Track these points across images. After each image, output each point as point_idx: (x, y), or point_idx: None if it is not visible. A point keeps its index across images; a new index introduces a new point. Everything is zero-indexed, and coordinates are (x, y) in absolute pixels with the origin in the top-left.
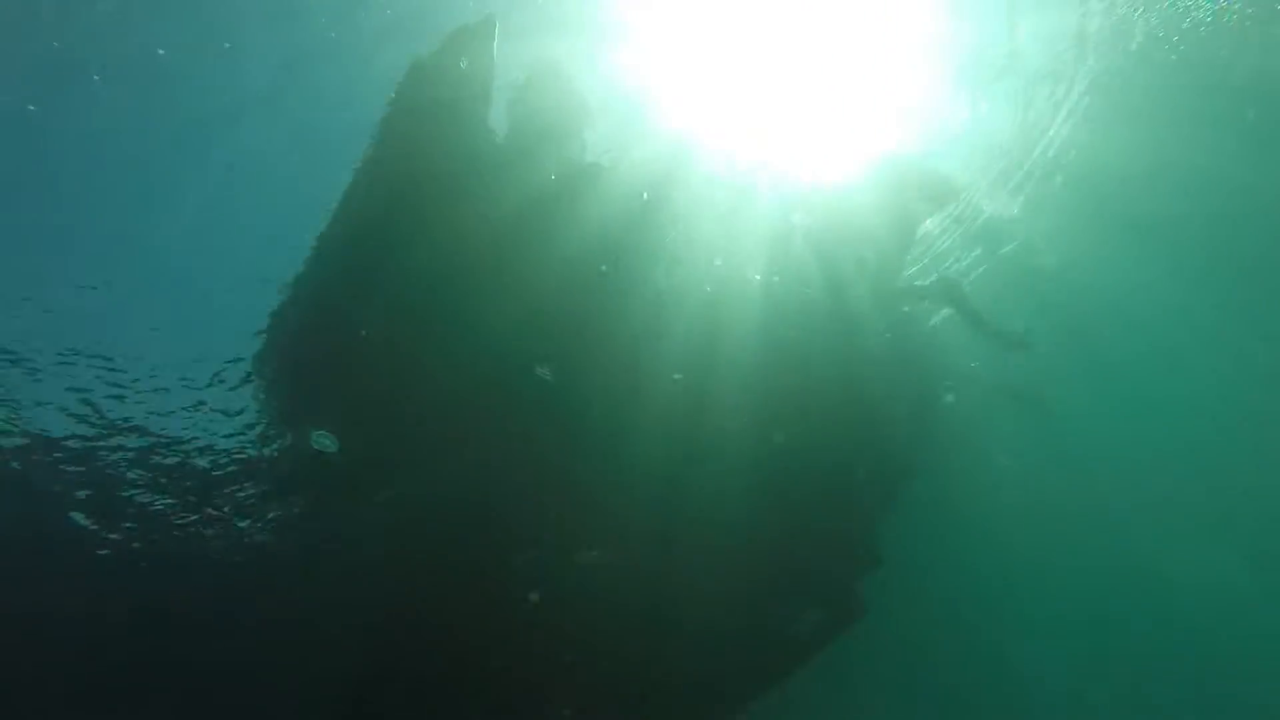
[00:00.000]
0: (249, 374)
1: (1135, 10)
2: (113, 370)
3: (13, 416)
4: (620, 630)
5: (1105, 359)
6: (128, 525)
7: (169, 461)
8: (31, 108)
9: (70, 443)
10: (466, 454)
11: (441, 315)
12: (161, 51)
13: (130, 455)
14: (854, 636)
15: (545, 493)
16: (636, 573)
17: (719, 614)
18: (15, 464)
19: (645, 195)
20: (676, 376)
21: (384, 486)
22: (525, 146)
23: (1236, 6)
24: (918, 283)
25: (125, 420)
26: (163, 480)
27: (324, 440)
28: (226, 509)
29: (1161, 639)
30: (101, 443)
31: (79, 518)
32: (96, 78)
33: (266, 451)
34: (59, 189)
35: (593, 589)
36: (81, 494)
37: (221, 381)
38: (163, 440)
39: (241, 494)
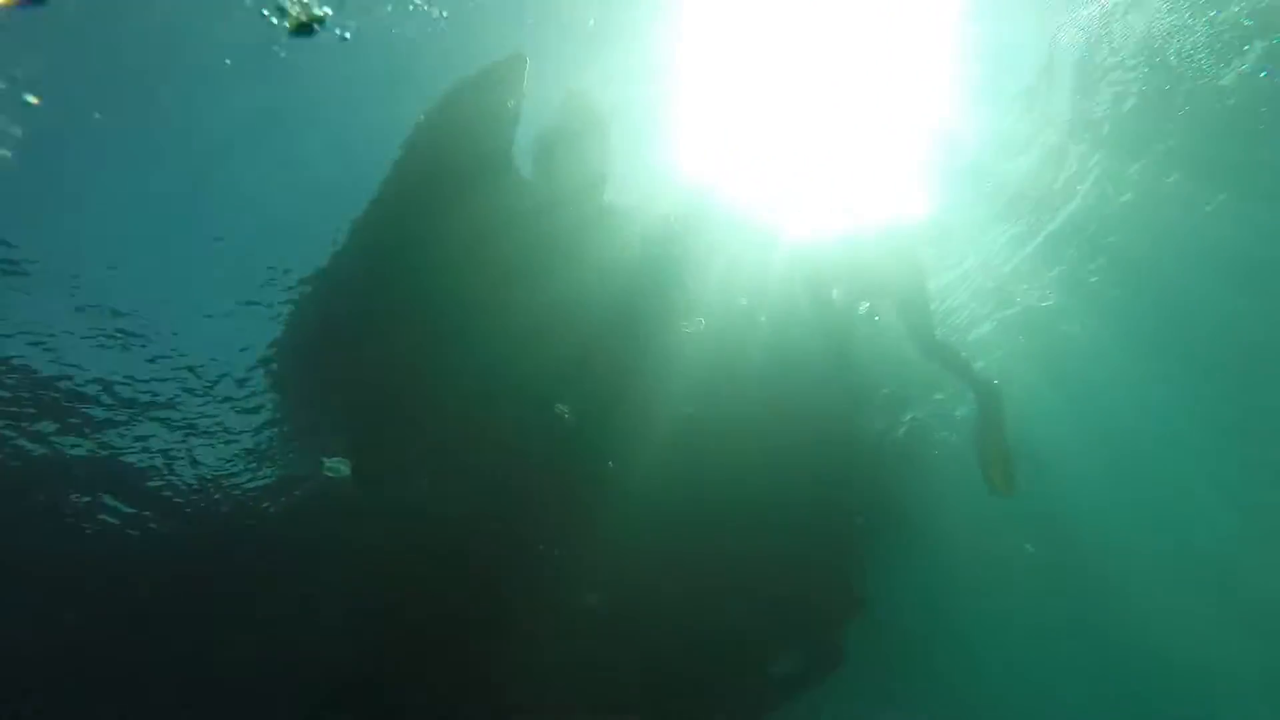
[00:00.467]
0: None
1: None
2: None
3: None
4: (600, 662)
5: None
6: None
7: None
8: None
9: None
10: (473, 482)
11: (457, 345)
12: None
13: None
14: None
15: (550, 525)
16: (626, 610)
17: (700, 652)
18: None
19: (673, 223)
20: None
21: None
22: (549, 184)
23: None
24: (962, 354)
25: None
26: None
27: (337, 466)
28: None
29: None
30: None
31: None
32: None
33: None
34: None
35: (579, 623)
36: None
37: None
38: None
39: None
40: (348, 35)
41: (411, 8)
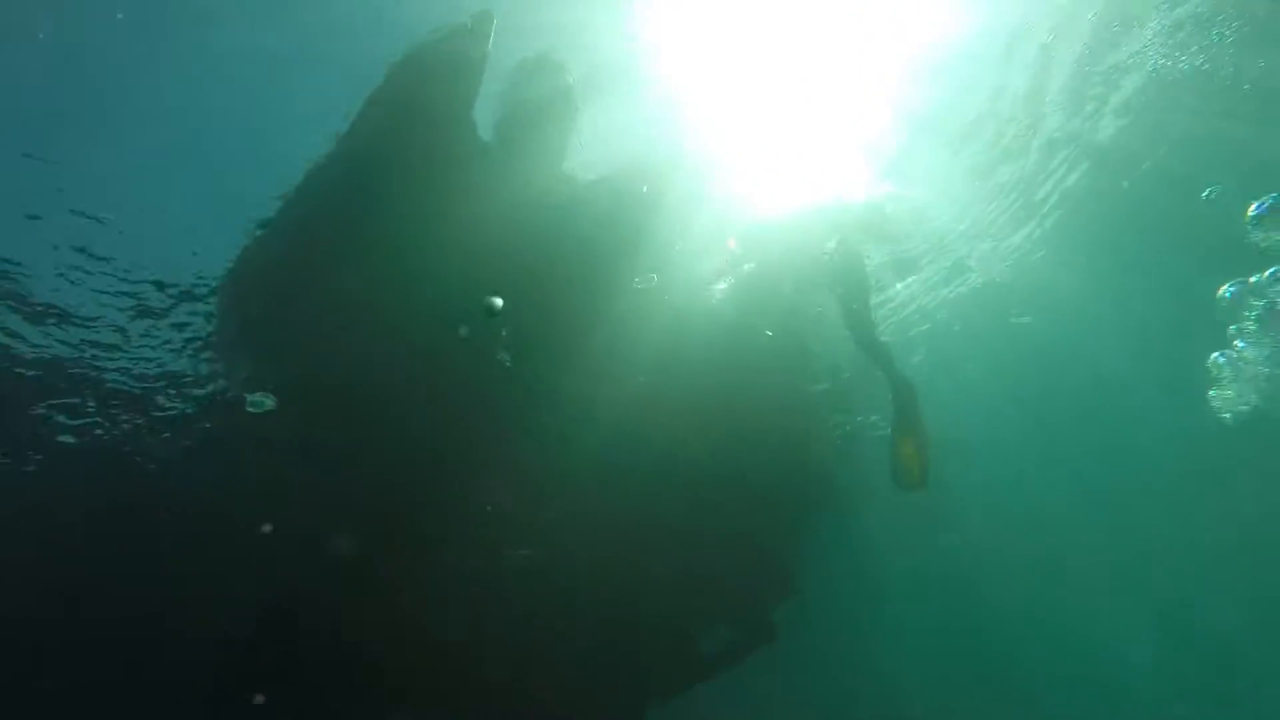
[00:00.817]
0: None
1: None
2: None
3: None
4: (525, 625)
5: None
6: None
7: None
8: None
9: None
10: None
11: (405, 289)
12: None
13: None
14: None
15: (484, 478)
16: (557, 570)
17: (631, 619)
18: None
19: (645, 189)
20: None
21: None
22: (509, 144)
23: None
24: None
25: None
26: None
27: (261, 401)
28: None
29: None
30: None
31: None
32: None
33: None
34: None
35: (507, 584)
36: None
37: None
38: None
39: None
40: None
41: None
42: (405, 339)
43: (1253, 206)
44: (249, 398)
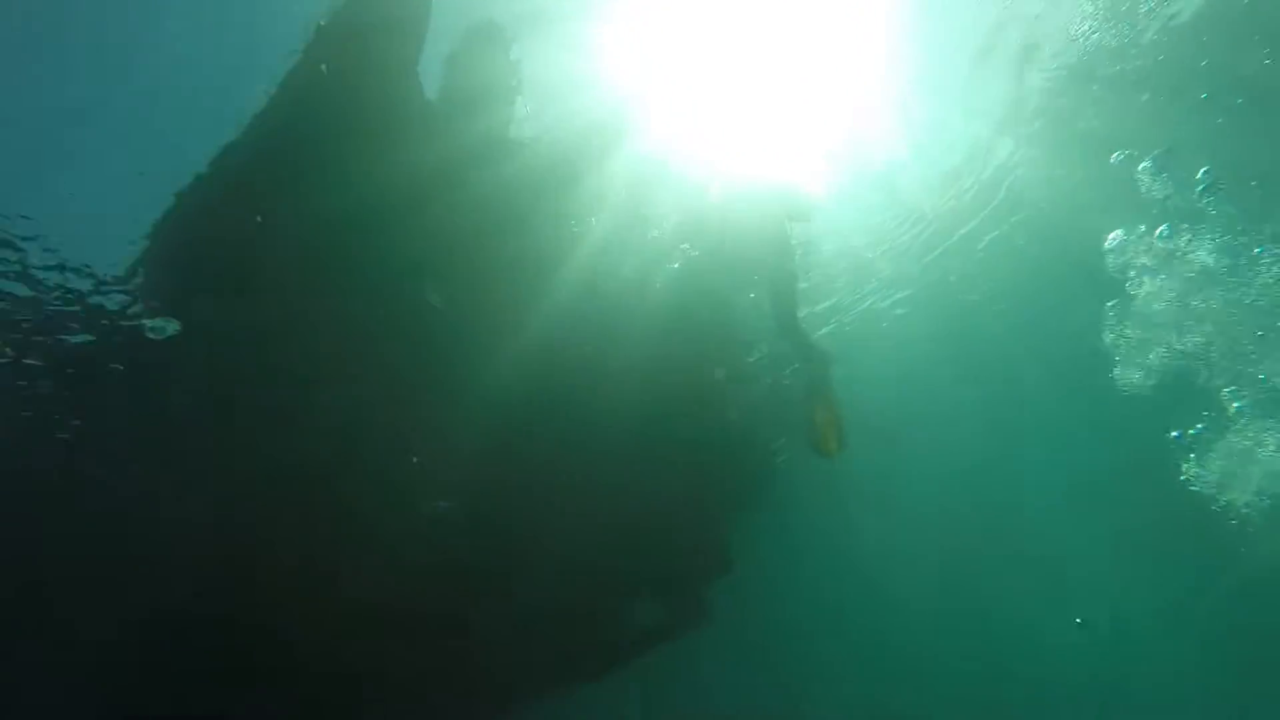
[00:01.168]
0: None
1: None
2: None
3: None
4: (442, 590)
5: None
6: None
7: None
8: None
9: None
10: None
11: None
12: None
13: None
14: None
15: (405, 425)
16: (475, 529)
17: (555, 591)
18: None
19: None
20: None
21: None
22: (453, 101)
23: None
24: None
25: None
26: None
27: (162, 326)
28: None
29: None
30: None
31: None
32: None
33: None
34: None
35: (425, 544)
36: None
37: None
38: None
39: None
40: None
41: None
42: (333, 289)
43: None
44: (149, 323)
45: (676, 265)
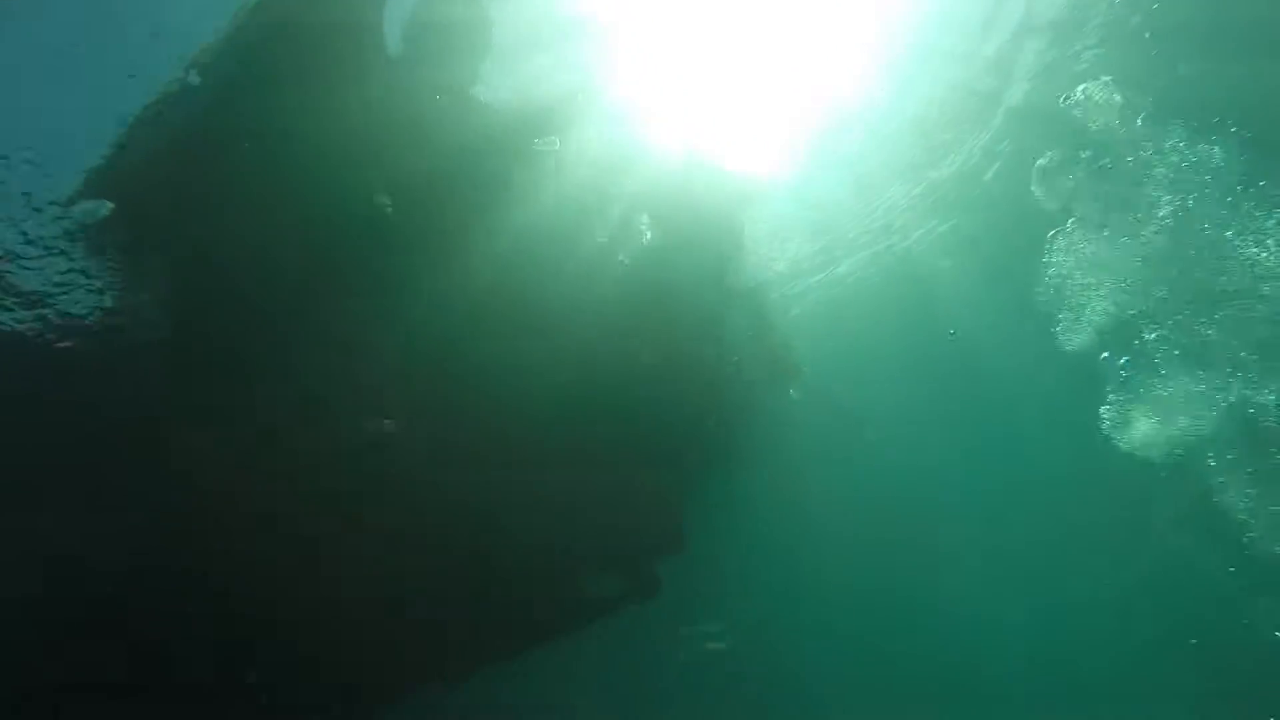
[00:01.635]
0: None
1: None
2: None
3: None
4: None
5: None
6: None
7: None
8: None
9: None
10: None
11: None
12: None
13: None
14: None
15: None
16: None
17: (507, 550)
18: None
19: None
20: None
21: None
22: (415, 64)
23: None
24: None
25: None
26: None
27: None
28: None
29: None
30: None
31: None
32: None
33: None
34: None
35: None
36: None
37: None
38: None
39: None
40: None
41: None
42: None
43: None
44: (83, 204)
45: (640, 236)
